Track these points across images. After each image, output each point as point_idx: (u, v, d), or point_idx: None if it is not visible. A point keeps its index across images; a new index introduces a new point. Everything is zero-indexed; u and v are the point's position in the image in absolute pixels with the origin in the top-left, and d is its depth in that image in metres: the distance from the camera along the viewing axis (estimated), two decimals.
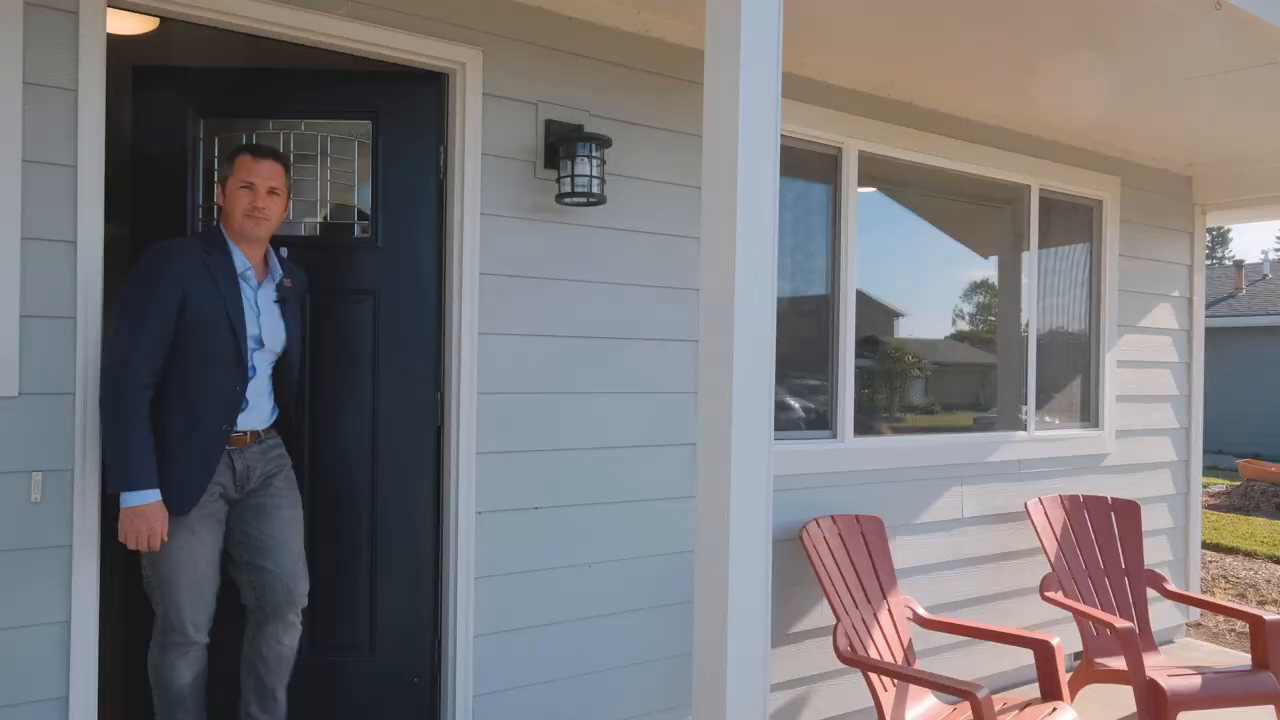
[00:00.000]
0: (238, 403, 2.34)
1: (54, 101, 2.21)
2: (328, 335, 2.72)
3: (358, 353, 2.72)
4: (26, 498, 2.19)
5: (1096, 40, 3.10)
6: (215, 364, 2.29)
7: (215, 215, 2.55)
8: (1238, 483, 11.11)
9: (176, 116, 2.65)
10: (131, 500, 2.17)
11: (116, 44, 2.79)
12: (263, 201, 2.33)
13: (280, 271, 2.47)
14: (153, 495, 2.18)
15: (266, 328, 2.40)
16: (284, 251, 2.61)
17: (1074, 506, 4.16)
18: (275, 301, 2.44)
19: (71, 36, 2.22)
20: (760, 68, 1.76)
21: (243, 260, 2.37)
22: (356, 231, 2.75)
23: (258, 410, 2.42)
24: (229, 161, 2.37)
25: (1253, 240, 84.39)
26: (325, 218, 2.75)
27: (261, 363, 2.41)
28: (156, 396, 2.24)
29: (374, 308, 2.74)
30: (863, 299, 3.77)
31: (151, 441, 2.20)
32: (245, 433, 2.39)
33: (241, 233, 2.35)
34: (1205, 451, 14.07)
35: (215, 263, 2.31)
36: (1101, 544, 4.13)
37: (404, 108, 2.76)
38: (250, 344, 2.36)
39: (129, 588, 2.63)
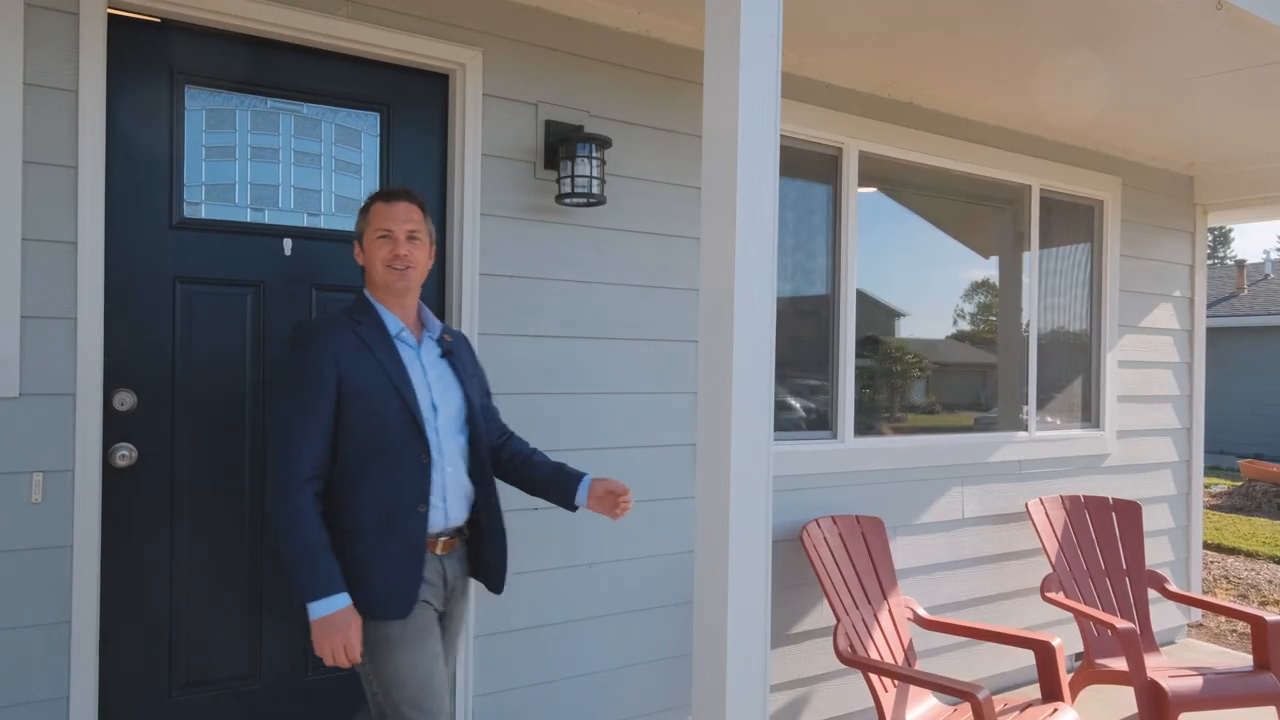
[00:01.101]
0: (427, 479, 2.05)
1: (54, 102, 2.21)
2: None
3: None
4: (27, 498, 2.19)
5: (1097, 40, 3.10)
6: (394, 441, 2.02)
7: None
8: (1239, 483, 11.10)
9: (157, 82, 2.41)
10: (319, 610, 1.92)
11: None
12: (404, 249, 2.09)
13: (438, 325, 2.22)
14: (341, 600, 1.93)
15: (439, 390, 2.13)
16: (288, 243, 2.59)
17: (1075, 507, 4.16)
18: (440, 357, 2.18)
19: (72, 38, 2.22)
20: (760, 68, 1.76)
21: (395, 320, 2.12)
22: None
23: (454, 498, 2.12)
24: (362, 214, 2.18)
25: (1254, 240, 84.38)
26: (332, 209, 2.75)
27: (446, 432, 2.11)
28: (345, 500, 2.02)
29: None
30: (863, 299, 3.77)
31: (326, 539, 1.96)
32: (445, 533, 2.11)
33: (386, 286, 2.11)
34: (1207, 452, 14.09)
35: (366, 331, 2.07)
36: (1102, 544, 4.13)
37: (412, 104, 2.76)
38: (424, 412, 2.08)
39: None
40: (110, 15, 2.31)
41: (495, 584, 2.24)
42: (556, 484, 2.28)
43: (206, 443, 2.48)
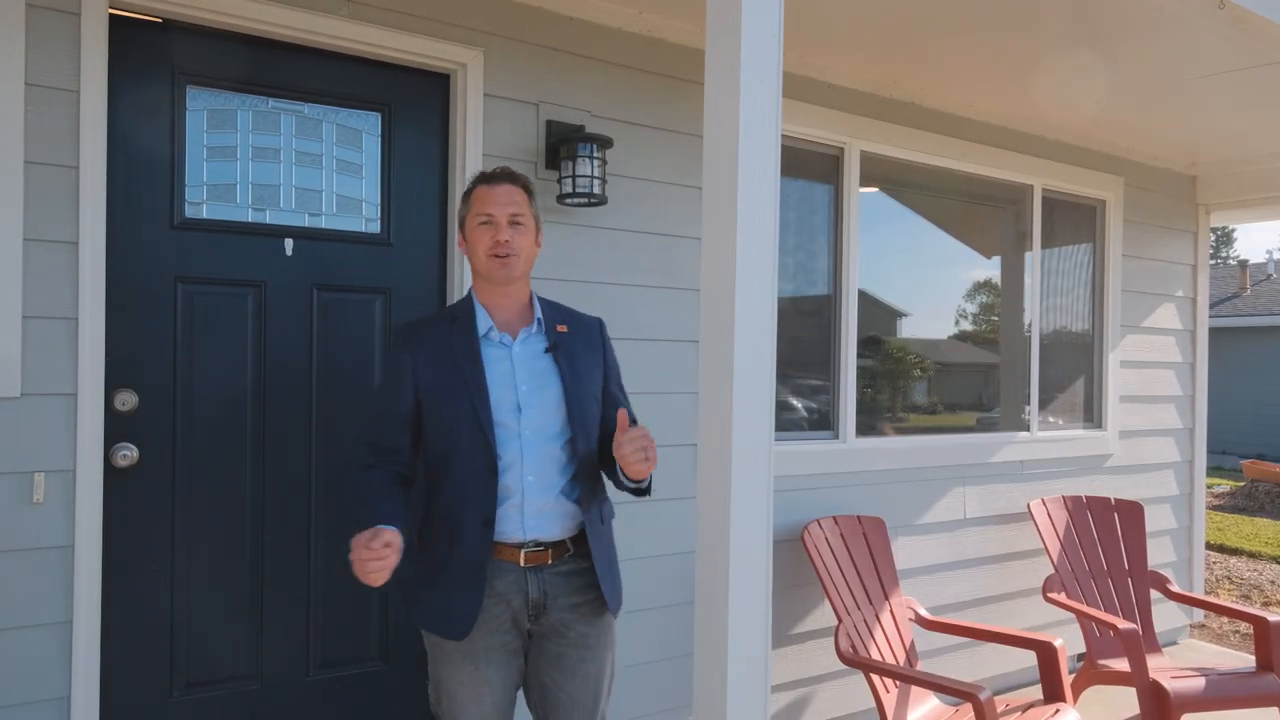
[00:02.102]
0: (493, 491, 1.89)
1: (56, 103, 2.21)
2: (336, 334, 2.71)
3: (367, 354, 2.72)
4: (29, 498, 2.19)
5: (1099, 39, 3.09)
6: (463, 447, 1.89)
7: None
8: (1242, 483, 11.08)
9: (159, 82, 2.41)
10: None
11: None
12: (505, 234, 1.94)
13: (555, 315, 2.05)
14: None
15: (531, 389, 1.94)
16: (290, 243, 2.59)
17: (1077, 507, 4.15)
18: (545, 352, 1.99)
19: (73, 38, 2.23)
20: (761, 67, 1.76)
21: (485, 318, 1.98)
22: (364, 227, 2.74)
23: (546, 509, 1.93)
24: (464, 199, 2.04)
25: (1257, 240, 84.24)
26: (333, 209, 2.75)
27: (533, 437, 1.93)
28: (424, 513, 1.97)
29: (385, 307, 2.74)
30: (865, 299, 3.77)
31: (371, 491, 1.90)
32: (529, 545, 1.93)
33: (487, 276, 1.97)
34: (1209, 452, 14.07)
35: (455, 331, 1.96)
36: (1104, 545, 4.12)
37: (413, 104, 2.76)
38: (502, 416, 1.91)
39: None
40: (111, 15, 2.31)
41: (609, 606, 2.00)
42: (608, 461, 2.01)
43: (208, 443, 2.48)
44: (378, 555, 1.72)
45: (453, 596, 1.89)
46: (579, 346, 2.03)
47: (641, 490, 1.98)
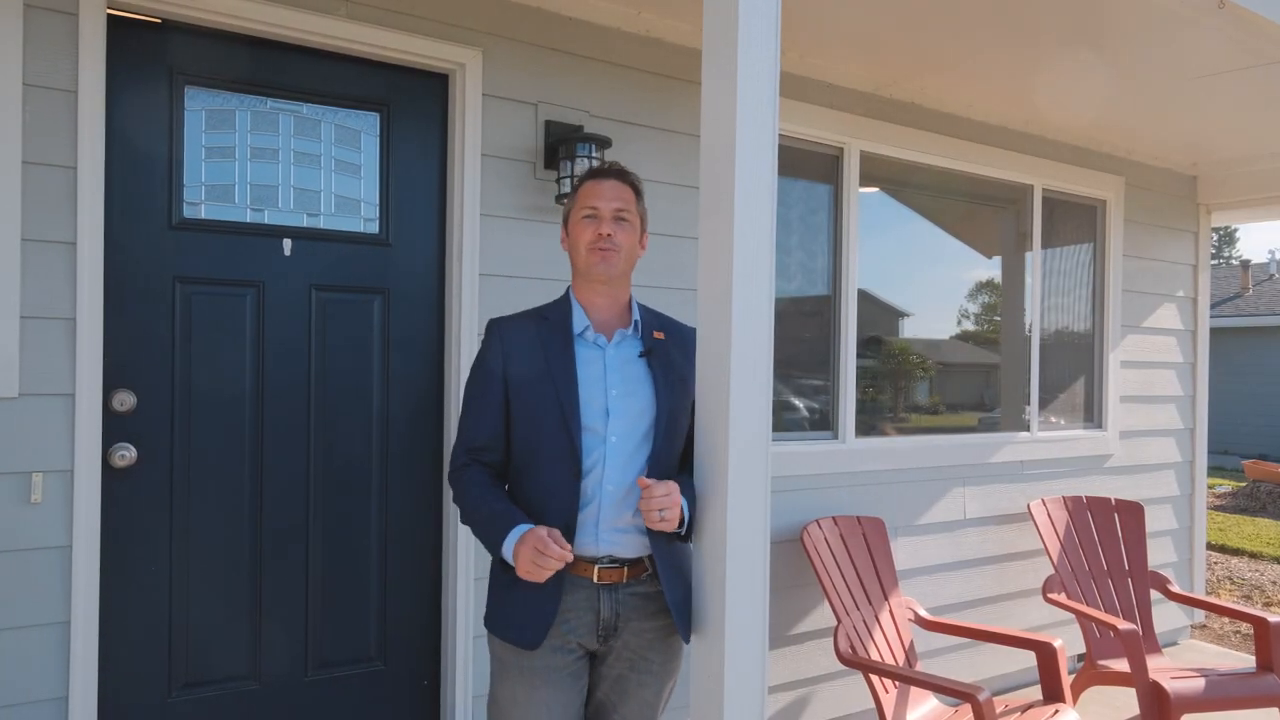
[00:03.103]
0: (574, 496, 1.80)
1: (54, 103, 2.21)
2: (334, 334, 2.71)
3: (366, 354, 2.72)
4: (26, 498, 2.19)
5: (1100, 39, 3.09)
6: (546, 449, 1.82)
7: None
8: (1243, 483, 11.07)
9: (157, 82, 2.41)
10: (507, 554, 1.76)
11: None
12: (608, 228, 1.86)
13: (650, 321, 1.97)
14: (516, 534, 1.75)
15: (621, 394, 1.85)
16: (288, 244, 2.59)
17: (1077, 508, 4.15)
18: (639, 356, 1.90)
19: (71, 38, 2.23)
20: (758, 67, 1.76)
21: (582, 317, 1.90)
22: (363, 227, 2.74)
23: (622, 522, 1.83)
24: (571, 196, 1.97)
25: (1260, 240, 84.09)
26: (331, 210, 2.75)
27: (620, 443, 1.83)
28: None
29: (383, 307, 2.74)
30: (865, 299, 3.76)
31: (492, 495, 1.83)
32: (602, 561, 1.83)
33: (588, 273, 1.89)
34: (1211, 452, 14.05)
35: (548, 328, 1.89)
36: (1105, 545, 4.12)
37: (411, 104, 2.76)
38: (589, 420, 1.82)
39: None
40: (110, 16, 2.32)
41: (679, 630, 1.87)
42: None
43: (206, 443, 2.48)
44: (567, 554, 1.69)
45: (530, 602, 1.79)
46: (675, 355, 1.94)
47: (676, 536, 1.87)
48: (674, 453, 1.91)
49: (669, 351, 1.94)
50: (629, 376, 1.88)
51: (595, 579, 1.82)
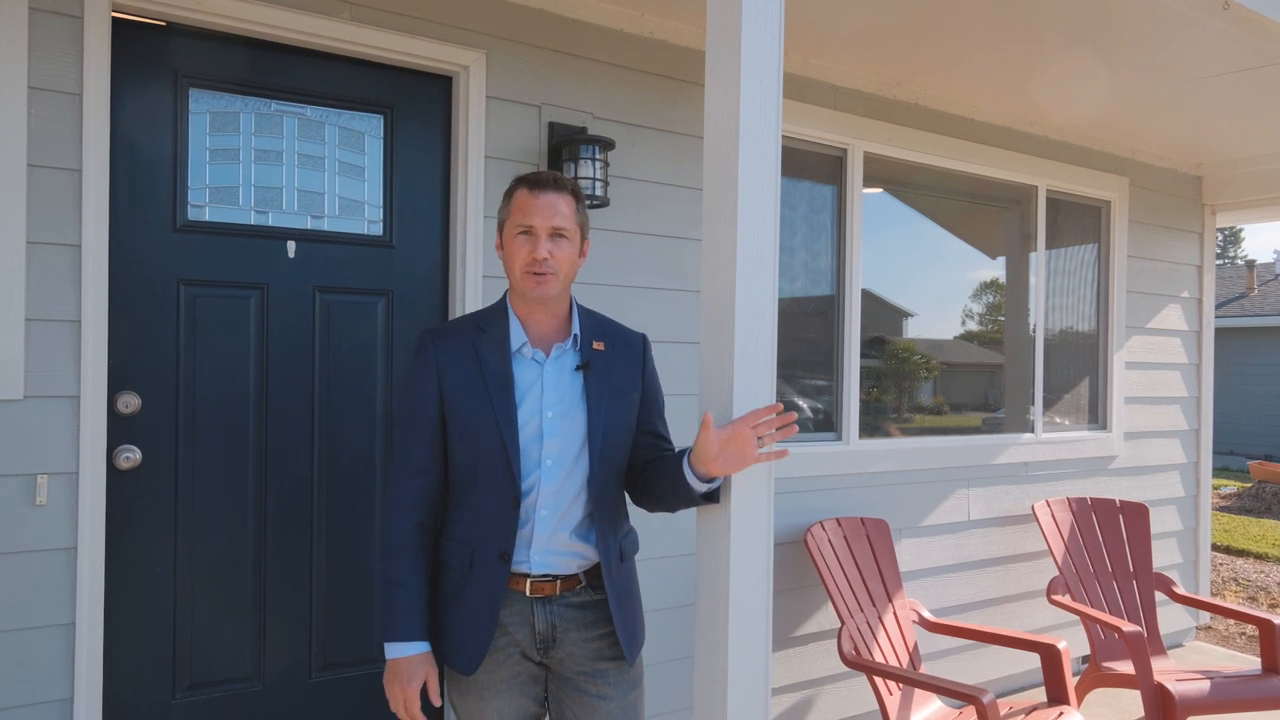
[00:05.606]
0: (511, 522, 1.78)
1: (58, 106, 2.22)
2: (338, 336, 2.72)
3: (370, 356, 2.72)
4: (31, 500, 2.20)
5: (1104, 40, 3.08)
6: (483, 473, 1.78)
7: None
8: (1249, 484, 11.03)
9: (161, 85, 2.42)
10: (390, 652, 1.75)
11: None
12: (544, 251, 1.76)
13: (593, 330, 1.89)
14: (411, 648, 1.74)
15: (557, 413, 1.80)
16: (292, 246, 2.59)
17: (1082, 509, 4.14)
18: (575, 371, 1.84)
19: (76, 41, 2.23)
20: (761, 69, 1.76)
21: (520, 332, 1.84)
22: (367, 229, 2.75)
23: (556, 546, 1.81)
24: (505, 199, 1.85)
25: (1265, 240, 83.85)
26: (335, 212, 2.76)
27: (553, 466, 1.79)
28: (445, 530, 1.85)
29: (387, 309, 2.74)
30: (869, 299, 3.76)
31: (417, 578, 1.78)
32: (536, 577, 1.81)
33: (521, 293, 1.82)
34: (1216, 453, 14.02)
35: (488, 341, 1.82)
36: (1109, 547, 4.11)
37: (415, 106, 2.77)
38: (525, 443, 1.78)
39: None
40: (114, 18, 2.32)
41: (624, 649, 1.84)
42: (669, 478, 1.82)
43: (210, 445, 2.49)
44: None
45: (464, 628, 1.79)
46: (615, 365, 1.88)
47: (713, 495, 1.81)
48: (614, 471, 1.86)
49: (609, 363, 1.87)
50: (565, 396, 1.82)
51: (528, 592, 1.80)
